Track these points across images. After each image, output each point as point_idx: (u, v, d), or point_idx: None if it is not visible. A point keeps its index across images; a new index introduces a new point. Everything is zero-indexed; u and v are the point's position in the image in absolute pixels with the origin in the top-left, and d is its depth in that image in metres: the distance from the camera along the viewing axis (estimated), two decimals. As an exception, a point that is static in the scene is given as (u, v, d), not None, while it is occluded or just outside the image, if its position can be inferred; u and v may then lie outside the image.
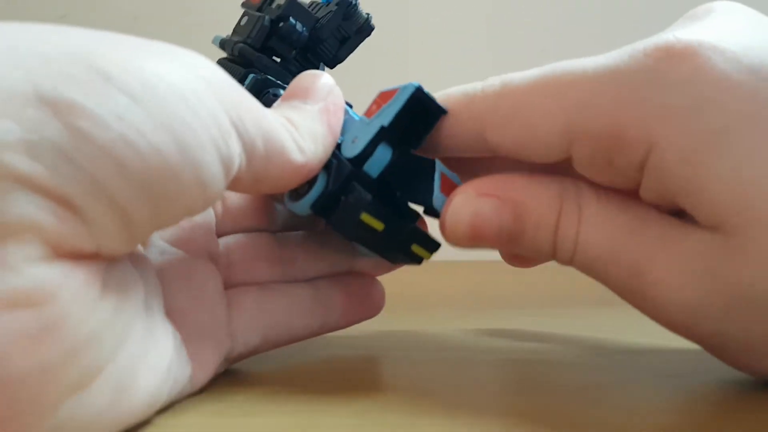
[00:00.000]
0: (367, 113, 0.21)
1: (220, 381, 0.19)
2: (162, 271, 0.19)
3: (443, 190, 0.21)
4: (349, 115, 0.21)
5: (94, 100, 0.13)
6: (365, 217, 0.19)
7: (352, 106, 0.23)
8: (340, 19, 0.24)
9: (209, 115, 0.15)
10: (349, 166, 0.20)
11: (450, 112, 0.20)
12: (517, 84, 0.19)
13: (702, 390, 0.19)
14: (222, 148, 0.15)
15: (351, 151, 0.20)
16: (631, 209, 0.18)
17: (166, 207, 0.14)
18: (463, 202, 0.19)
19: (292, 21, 0.23)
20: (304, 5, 0.24)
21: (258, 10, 0.24)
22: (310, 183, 0.20)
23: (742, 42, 0.16)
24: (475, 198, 0.19)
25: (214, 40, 0.25)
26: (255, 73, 0.23)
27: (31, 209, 0.12)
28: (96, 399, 0.13)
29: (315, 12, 0.24)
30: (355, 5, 0.24)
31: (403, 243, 0.21)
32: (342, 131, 0.20)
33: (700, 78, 0.16)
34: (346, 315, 0.23)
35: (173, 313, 0.18)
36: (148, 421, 0.16)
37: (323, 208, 0.20)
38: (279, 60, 0.24)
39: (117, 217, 0.13)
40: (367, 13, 0.25)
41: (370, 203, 0.19)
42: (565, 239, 0.18)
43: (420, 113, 0.20)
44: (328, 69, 0.25)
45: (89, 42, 0.14)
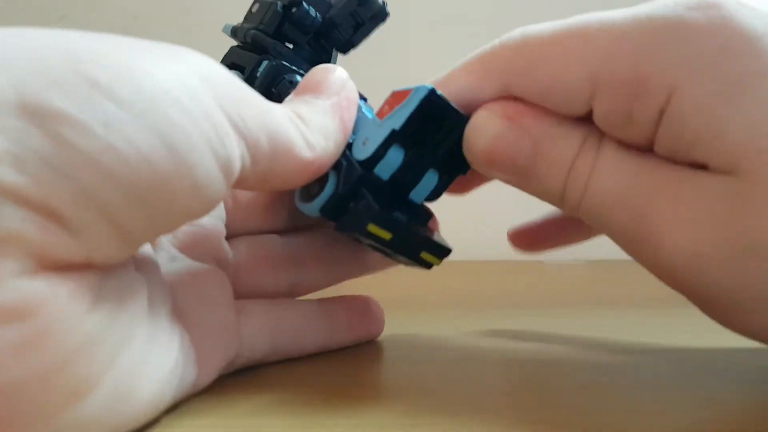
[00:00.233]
0: (379, 114, 0.21)
1: (225, 382, 0.19)
2: (171, 276, 0.18)
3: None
4: (362, 113, 0.21)
5: (78, 108, 0.12)
6: (372, 227, 0.19)
7: (366, 100, 0.22)
8: (355, 5, 0.24)
9: (204, 116, 0.14)
10: (359, 169, 0.19)
11: (470, 72, 0.20)
12: (540, 33, 0.19)
13: (703, 391, 0.19)
14: (218, 149, 0.15)
15: (362, 153, 0.20)
16: (647, 160, 0.18)
17: (160, 213, 0.14)
18: (486, 119, 0.19)
19: (305, 6, 0.23)
20: None
21: None
22: (322, 184, 0.20)
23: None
24: (500, 119, 0.19)
25: (224, 29, 0.24)
26: (269, 59, 0.23)
27: (15, 222, 0.12)
28: (98, 405, 0.13)
29: None
30: None
31: (413, 251, 0.20)
32: (354, 128, 0.20)
33: (725, 28, 0.16)
34: (352, 329, 0.24)
35: (182, 315, 0.18)
36: (156, 421, 0.16)
37: (332, 211, 0.20)
38: (292, 46, 0.24)
39: (107, 227, 0.13)
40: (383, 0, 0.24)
41: (378, 213, 0.19)
42: (577, 179, 0.18)
43: (434, 116, 0.20)
44: (342, 57, 0.25)
45: (78, 47, 0.14)
